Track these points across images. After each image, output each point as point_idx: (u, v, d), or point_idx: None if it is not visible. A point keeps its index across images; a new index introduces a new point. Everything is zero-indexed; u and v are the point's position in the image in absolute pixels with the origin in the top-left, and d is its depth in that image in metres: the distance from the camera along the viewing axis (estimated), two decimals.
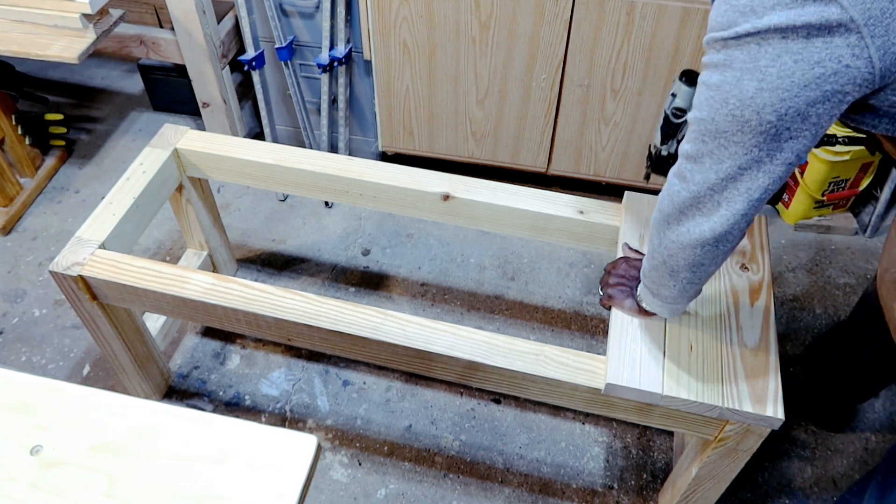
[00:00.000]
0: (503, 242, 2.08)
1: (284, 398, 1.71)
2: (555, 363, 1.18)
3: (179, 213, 1.72)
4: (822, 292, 1.96)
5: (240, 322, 1.33)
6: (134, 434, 0.84)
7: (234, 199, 2.20)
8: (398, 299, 1.93)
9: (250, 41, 1.99)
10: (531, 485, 1.58)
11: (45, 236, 2.07)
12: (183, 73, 2.11)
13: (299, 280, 1.98)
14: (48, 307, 1.89)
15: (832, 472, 1.61)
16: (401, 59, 1.91)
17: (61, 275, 1.33)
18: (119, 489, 0.79)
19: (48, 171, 2.23)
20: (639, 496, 1.57)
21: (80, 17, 1.72)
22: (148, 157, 1.53)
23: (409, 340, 1.22)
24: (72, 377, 1.74)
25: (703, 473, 1.27)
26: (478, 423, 1.68)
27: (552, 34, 1.77)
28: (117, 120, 2.46)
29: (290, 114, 2.21)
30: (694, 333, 1.18)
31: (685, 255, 0.96)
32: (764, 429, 1.11)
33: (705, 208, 0.89)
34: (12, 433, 0.84)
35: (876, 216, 2.06)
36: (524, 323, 1.89)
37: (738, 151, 0.83)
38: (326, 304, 1.27)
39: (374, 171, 1.50)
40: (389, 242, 2.08)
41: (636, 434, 1.67)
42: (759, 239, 1.31)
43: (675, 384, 1.11)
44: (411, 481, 1.58)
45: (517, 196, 1.45)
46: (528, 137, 2.02)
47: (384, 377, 1.76)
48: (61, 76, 2.61)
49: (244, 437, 0.84)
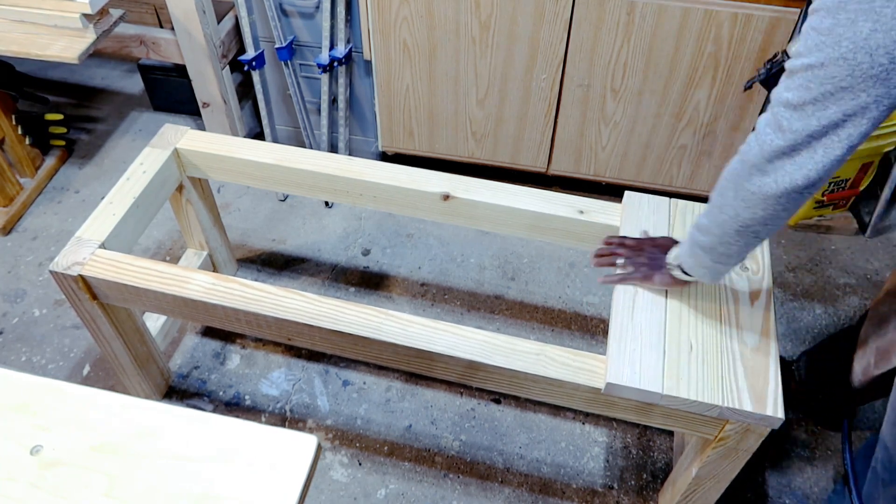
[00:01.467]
0: (503, 242, 2.08)
1: (284, 398, 1.71)
2: (555, 363, 1.18)
3: (179, 213, 1.72)
4: (822, 292, 1.96)
5: (240, 322, 1.33)
6: (134, 434, 0.84)
7: (234, 199, 2.20)
8: (398, 299, 1.93)
9: (250, 41, 1.99)
10: (531, 485, 1.58)
11: (45, 236, 2.07)
12: (183, 73, 2.11)
13: (299, 280, 1.98)
14: (48, 307, 1.89)
15: (832, 472, 1.61)
16: (401, 59, 1.91)
17: (61, 274, 1.33)
18: (119, 489, 0.79)
19: (48, 171, 2.23)
20: (639, 496, 1.57)
21: (80, 17, 1.72)
22: (148, 157, 1.53)
23: (409, 340, 1.22)
24: (72, 377, 1.74)
25: (703, 473, 1.27)
26: (478, 423, 1.68)
27: (552, 34, 1.77)
28: (117, 120, 2.46)
29: (290, 114, 2.21)
30: (694, 333, 1.18)
31: (765, 207, 0.93)
32: (764, 428, 1.11)
33: (800, 157, 0.87)
34: (12, 433, 0.84)
35: (876, 216, 2.07)
36: (524, 323, 1.89)
37: (845, 97, 0.81)
38: (327, 304, 1.27)
39: (374, 171, 1.50)
40: (389, 242, 2.08)
41: (636, 434, 1.67)
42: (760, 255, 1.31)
43: (675, 384, 1.11)
44: (411, 481, 1.58)
45: (517, 196, 1.45)
46: (528, 137, 2.02)
47: (384, 377, 1.76)
48: (61, 76, 2.61)
49: (244, 437, 0.84)
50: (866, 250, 2.07)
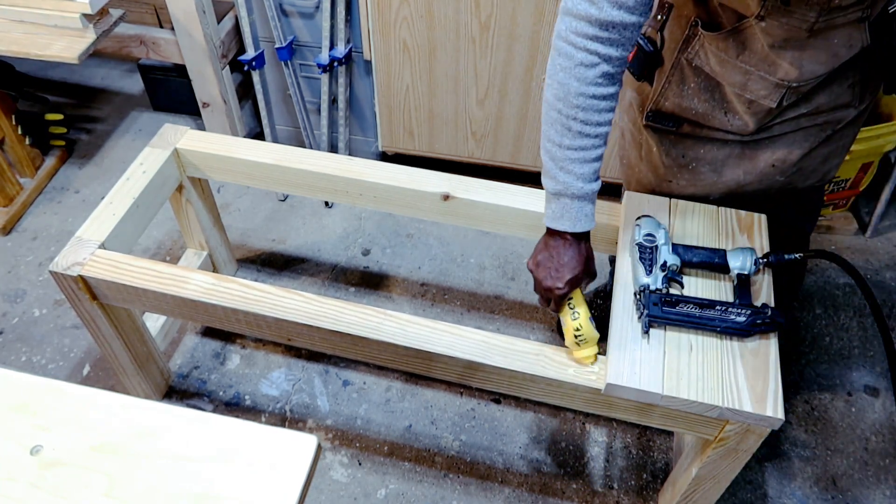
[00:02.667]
0: (503, 242, 2.08)
1: (284, 398, 1.71)
2: (554, 363, 1.18)
3: (179, 213, 1.72)
4: (822, 292, 1.96)
5: (240, 322, 1.33)
6: (134, 434, 0.84)
7: (234, 199, 2.20)
8: (398, 299, 1.93)
9: (250, 41, 1.99)
10: (531, 485, 1.58)
11: (45, 236, 2.07)
12: (183, 73, 2.11)
13: (299, 280, 1.98)
14: (48, 307, 1.89)
15: (832, 472, 1.61)
16: (401, 59, 1.91)
17: (61, 275, 1.33)
18: (119, 489, 0.79)
19: (48, 171, 2.23)
20: (639, 496, 1.57)
21: (80, 17, 1.72)
22: (148, 157, 1.53)
23: (409, 340, 1.22)
24: (72, 377, 1.74)
25: (703, 473, 1.27)
26: (478, 423, 1.68)
27: (552, 34, 1.77)
28: (117, 120, 2.46)
29: (290, 114, 2.21)
30: (694, 333, 1.18)
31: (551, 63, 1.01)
32: (764, 429, 1.11)
33: None
34: (12, 433, 0.84)
35: (876, 216, 2.06)
36: (524, 323, 1.89)
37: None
38: (326, 304, 1.27)
39: (374, 171, 1.50)
40: (389, 242, 2.08)
41: (636, 434, 1.67)
42: (759, 239, 1.30)
43: (675, 384, 1.11)
44: (411, 481, 1.58)
45: (517, 196, 1.45)
46: (528, 137, 2.02)
47: (384, 377, 1.76)
48: (61, 76, 2.61)
49: (244, 437, 0.84)
50: (866, 250, 2.07)
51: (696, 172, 1.25)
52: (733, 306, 1.16)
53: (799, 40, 1.00)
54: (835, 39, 0.99)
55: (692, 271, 1.26)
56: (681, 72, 1.15)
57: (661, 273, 1.19)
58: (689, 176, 1.26)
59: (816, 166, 1.22)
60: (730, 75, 1.08)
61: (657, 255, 1.21)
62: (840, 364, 1.80)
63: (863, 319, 1.90)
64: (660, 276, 1.19)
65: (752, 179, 1.22)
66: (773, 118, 1.13)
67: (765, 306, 1.16)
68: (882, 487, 1.58)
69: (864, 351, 1.83)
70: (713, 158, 1.22)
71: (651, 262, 1.20)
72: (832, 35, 0.99)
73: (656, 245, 1.22)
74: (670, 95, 1.18)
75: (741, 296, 1.19)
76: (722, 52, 1.07)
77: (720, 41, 1.07)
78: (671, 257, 1.21)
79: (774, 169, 1.19)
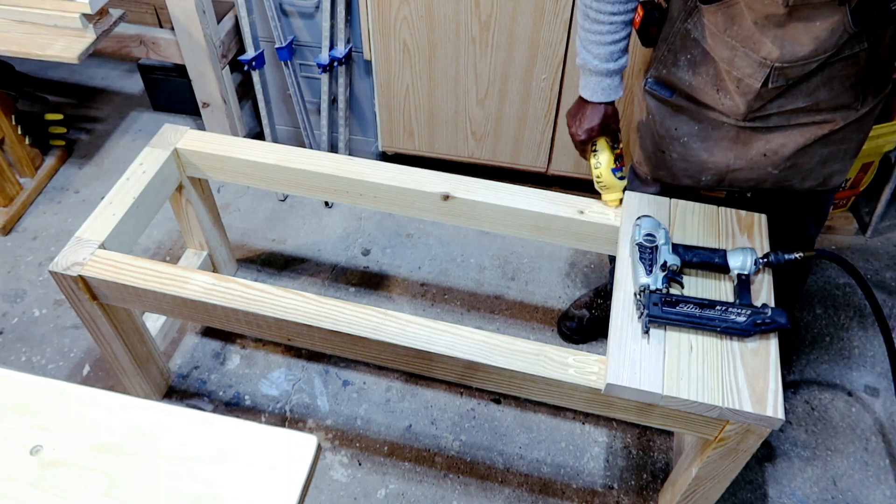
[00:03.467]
0: (503, 242, 2.08)
1: (284, 398, 1.71)
2: (554, 363, 1.18)
3: (179, 213, 1.72)
4: (822, 292, 1.96)
5: (240, 322, 1.33)
6: (134, 434, 0.84)
7: (234, 199, 2.20)
8: (398, 299, 1.93)
9: (250, 41, 1.99)
10: (531, 485, 1.58)
11: (45, 236, 2.07)
12: (183, 73, 2.11)
13: (299, 280, 1.98)
14: (48, 307, 1.89)
15: (832, 472, 1.61)
16: (401, 59, 1.91)
17: (61, 275, 1.33)
18: (119, 489, 0.79)
19: (48, 171, 2.23)
20: (639, 496, 1.57)
21: (80, 17, 1.72)
22: (148, 157, 1.53)
23: (408, 340, 1.22)
24: (72, 377, 1.74)
25: (703, 473, 1.27)
26: (478, 423, 1.68)
27: (552, 34, 1.77)
28: (117, 120, 2.46)
29: (290, 114, 2.21)
30: (694, 333, 1.18)
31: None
32: (764, 429, 1.11)
33: None
34: (12, 433, 0.84)
35: (876, 216, 2.06)
36: (524, 323, 1.89)
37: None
38: (326, 304, 1.27)
39: (374, 171, 1.50)
40: (389, 242, 2.08)
41: (636, 434, 1.67)
42: (759, 239, 1.30)
43: (675, 384, 1.11)
44: (411, 481, 1.58)
45: (517, 196, 1.45)
46: (528, 137, 2.02)
47: (384, 377, 1.76)
48: (61, 76, 2.61)
49: (244, 437, 0.84)
50: (866, 250, 2.07)
51: (687, 147, 1.29)
52: (733, 306, 1.16)
53: (778, 17, 1.04)
54: (816, 22, 1.03)
55: (692, 271, 1.26)
56: (681, 41, 1.19)
57: (661, 273, 1.20)
58: (680, 149, 1.30)
59: (814, 167, 1.23)
60: (720, 49, 1.14)
61: (657, 255, 1.22)
62: (840, 364, 1.80)
63: (863, 319, 1.90)
64: (660, 276, 1.19)
65: (743, 165, 1.25)
66: (765, 103, 1.15)
67: (765, 306, 1.16)
68: (882, 487, 1.58)
69: (864, 351, 1.83)
70: (706, 137, 1.25)
71: (651, 262, 1.21)
72: (812, 16, 1.03)
73: (656, 245, 1.23)
74: (668, 64, 1.23)
75: (741, 296, 1.19)
76: (713, 26, 1.13)
77: (712, 14, 1.12)
78: (671, 257, 1.21)
79: (766, 159, 1.22)
